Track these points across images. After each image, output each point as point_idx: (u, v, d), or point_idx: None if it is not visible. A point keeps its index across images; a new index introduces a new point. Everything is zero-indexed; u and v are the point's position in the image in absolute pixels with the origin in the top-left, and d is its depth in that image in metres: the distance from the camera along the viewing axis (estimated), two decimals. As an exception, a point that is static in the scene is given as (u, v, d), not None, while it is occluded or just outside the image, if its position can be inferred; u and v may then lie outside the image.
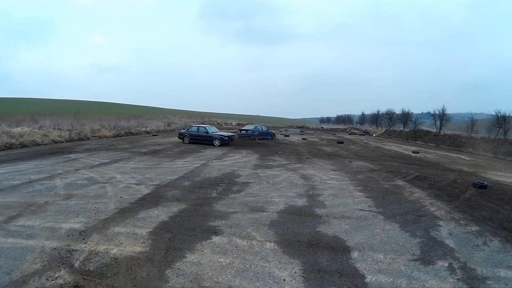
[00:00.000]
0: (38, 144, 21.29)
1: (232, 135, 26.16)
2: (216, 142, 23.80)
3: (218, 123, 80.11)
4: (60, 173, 11.50)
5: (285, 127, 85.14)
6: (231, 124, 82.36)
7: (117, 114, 55.45)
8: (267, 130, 36.89)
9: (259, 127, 36.67)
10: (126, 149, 19.62)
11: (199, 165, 14.40)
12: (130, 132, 34.97)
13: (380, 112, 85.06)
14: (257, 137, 32.12)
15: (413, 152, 25.08)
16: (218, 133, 25.48)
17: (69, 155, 16.40)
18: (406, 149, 28.69)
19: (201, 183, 10.68)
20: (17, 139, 20.74)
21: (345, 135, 55.38)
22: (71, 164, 13.50)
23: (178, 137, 25.76)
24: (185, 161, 15.37)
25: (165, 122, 50.94)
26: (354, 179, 12.44)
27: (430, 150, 28.76)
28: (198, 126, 25.91)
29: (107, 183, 10.28)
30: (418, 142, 39.83)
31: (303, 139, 36.53)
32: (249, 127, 36.51)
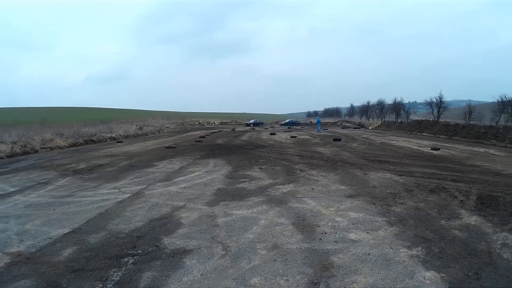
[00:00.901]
0: (-32, 163, 16.94)
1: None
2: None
3: (200, 123, 75.80)
4: None
5: (270, 123, 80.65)
6: (214, 123, 77.89)
7: (91, 119, 52.43)
8: (260, 122, 76.44)
9: (257, 121, 75.66)
10: (59, 166, 15.31)
11: (129, 195, 9.27)
12: (91, 140, 30.62)
13: (371, 103, 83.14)
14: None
15: (432, 148, 19.83)
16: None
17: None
18: (419, 144, 23.47)
19: (87, 257, 5.32)
20: None
21: (337, 129, 50.47)
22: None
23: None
24: (115, 187, 10.37)
25: (136, 125, 45.47)
26: (391, 219, 6.91)
27: (448, 145, 23.48)
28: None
29: None
30: (425, 134, 34.54)
31: (292, 137, 31.42)
32: (251, 121, 74.67)
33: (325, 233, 6.14)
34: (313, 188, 9.69)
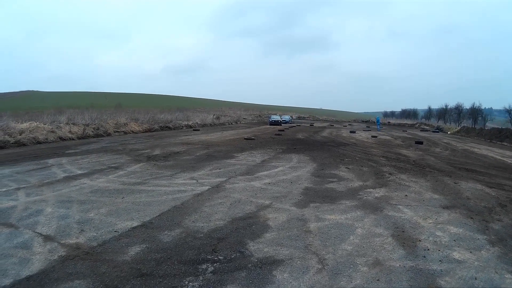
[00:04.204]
0: (39, 142, 17.77)
1: None
2: None
3: (276, 116, 75.99)
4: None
5: (349, 122, 78.62)
6: (292, 117, 77.39)
7: (168, 106, 52.99)
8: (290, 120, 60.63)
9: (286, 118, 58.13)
10: (132, 151, 15.15)
11: (207, 187, 8.70)
12: (167, 127, 31.19)
13: (449, 107, 78.15)
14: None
15: (516, 160, 17.84)
16: None
17: (48, 160, 12.33)
18: (501, 154, 21.13)
19: (157, 259, 4.76)
20: (14, 137, 17.22)
21: (416, 131, 48.38)
22: (25, 177, 9.48)
23: None
24: (192, 178, 9.86)
25: (213, 115, 45.66)
26: (491, 237, 5.95)
27: (530, 157, 20.91)
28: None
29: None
30: (505, 144, 31.09)
31: (372, 136, 29.97)
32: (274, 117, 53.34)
33: (428, 249, 5.30)
34: (406, 195, 8.68)
